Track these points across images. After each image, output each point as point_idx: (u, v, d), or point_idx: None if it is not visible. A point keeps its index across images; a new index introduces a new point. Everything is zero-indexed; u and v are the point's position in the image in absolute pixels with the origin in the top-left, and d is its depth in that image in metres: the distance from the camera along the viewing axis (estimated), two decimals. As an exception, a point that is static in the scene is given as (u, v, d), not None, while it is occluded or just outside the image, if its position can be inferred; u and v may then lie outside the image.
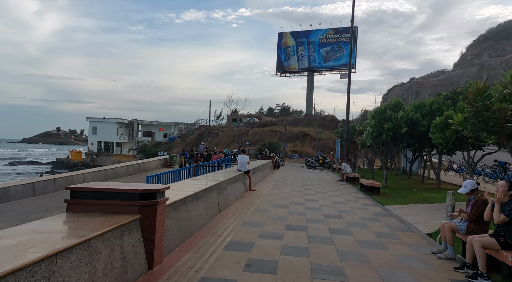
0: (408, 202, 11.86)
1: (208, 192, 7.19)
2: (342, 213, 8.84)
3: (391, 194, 14.14)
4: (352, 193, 13.65)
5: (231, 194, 9.40)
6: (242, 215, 7.81)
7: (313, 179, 19.15)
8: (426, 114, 17.56)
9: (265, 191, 12.62)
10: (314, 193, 13.01)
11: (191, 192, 6.10)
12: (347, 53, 62.24)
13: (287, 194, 12.06)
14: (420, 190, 17.10)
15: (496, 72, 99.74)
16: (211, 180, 8.47)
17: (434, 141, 14.52)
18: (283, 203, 10.01)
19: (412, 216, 8.81)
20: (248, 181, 12.40)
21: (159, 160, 26.23)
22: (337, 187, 15.54)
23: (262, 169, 18.44)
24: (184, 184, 7.66)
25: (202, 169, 18.12)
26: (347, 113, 32.58)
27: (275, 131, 57.24)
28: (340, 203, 10.69)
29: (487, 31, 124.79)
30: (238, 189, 10.59)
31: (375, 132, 17.21)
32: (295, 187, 14.56)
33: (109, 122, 70.17)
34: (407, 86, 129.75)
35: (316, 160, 30.06)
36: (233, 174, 11.20)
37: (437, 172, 18.20)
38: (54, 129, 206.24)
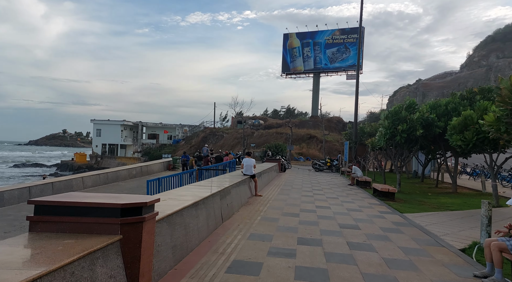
0: (427, 209, 10.95)
1: (210, 200, 6.37)
2: (359, 222, 7.97)
3: (406, 199, 13.23)
4: (365, 198, 12.76)
5: (236, 201, 8.58)
6: (248, 226, 6.98)
7: (322, 183, 18.26)
8: (441, 115, 16.63)
9: (272, 196, 11.78)
10: (325, 198, 12.14)
11: (189, 202, 5.29)
12: (353, 54, 61.29)
13: (296, 200, 11.21)
14: (435, 195, 16.16)
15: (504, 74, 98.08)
16: (215, 186, 7.66)
17: (452, 143, 13.58)
18: (292, 210, 9.16)
19: (437, 226, 7.92)
20: (254, 185, 11.58)
21: (162, 163, 25.50)
22: (348, 192, 14.65)
23: (268, 172, 17.60)
24: (184, 191, 6.85)
25: (206, 172, 17.32)
26: (355, 114, 31.64)
27: (280, 133, 56.36)
28: (355, 210, 9.82)
29: (495, 32, 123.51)
30: (243, 195, 9.77)
31: (388, 134, 16.30)
32: (304, 192, 13.71)
33: (113, 124, 69.79)
34: (413, 88, 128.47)
35: (324, 162, 29.15)
36: (238, 178, 10.39)
37: (453, 176, 17.23)
38: (60, 132, 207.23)
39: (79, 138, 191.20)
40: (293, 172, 26.34)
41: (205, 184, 8.26)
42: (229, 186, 8.24)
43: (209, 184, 8.27)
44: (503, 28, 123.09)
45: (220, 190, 7.24)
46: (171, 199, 5.50)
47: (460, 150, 13.85)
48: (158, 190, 14.96)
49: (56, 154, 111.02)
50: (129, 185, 20.28)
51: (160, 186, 15.07)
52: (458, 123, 13.12)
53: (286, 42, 66.12)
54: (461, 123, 13.05)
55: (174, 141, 70.21)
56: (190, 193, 6.40)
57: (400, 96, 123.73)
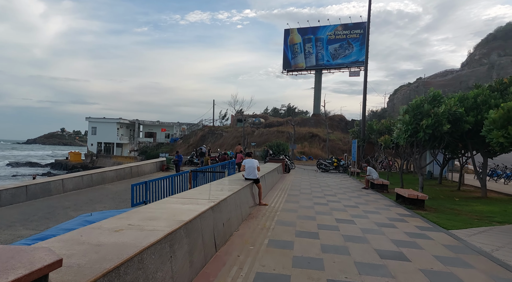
0: (471, 222, 8.87)
1: (198, 222, 4.30)
2: (401, 246, 5.89)
3: (436, 208, 11.15)
4: (390, 207, 10.68)
5: (235, 216, 6.50)
6: (252, 257, 4.90)
7: (332, 186, 16.19)
8: (469, 109, 14.57)
9: (280, 206, 9.71)
10: (343, 207, 10.06)
11: (160, 234, 3.21)
12: (356, 50, 59.24)
13: (309, 210, 9.13)
14: (464, 200, 14.09)
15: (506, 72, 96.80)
16: (207, 199, 5.58)
17: (493, 140, 11.49)
18: (308, 226, 7.08)
19: (506, 252, 5.86)
20: (258, 192, 9.50)
21: (154, 163, 23.39)
22: (366, 198, 12.58)
23: (272, 174, 15.51)
24: (162, 207, 4.77)
25: (201, 174, 15.24)
26: (363, 111, 29.55)
27: (282, 132, 54.34)
28: (386, 225, 7.73)
29: (496, 30, 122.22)
30: (245, 206, 7.69)
31: (410, 130, 14.22)
32: (316, 198, 11.63)
33: (109, 122, 67.78)
34: (414, 87, 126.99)
35: (330, 162, 27.07)
36: (238, 184, 8.32)
37: (482, 178, 15.17)
38: (59, 130, 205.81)
39: (77, 137, 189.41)
40: (298, 172, 24.27)
41: (194, 194, 6.18)
42: (228, 196, 6.17)
43: (200, 194, 6.21)
44: (504, 26, 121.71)
45: (214, 204, 5.17)
46: (132, 227, 3.42)
47: (500, 148, 11.79)
48: (145, 195, 12.92)
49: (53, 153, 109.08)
50: (116, 188, 18.23)
51: (147, 191, 13.02)
52: (500, 117, 11.04)
53: (287, 38, 63.97)
54: (503, 117, 10.98)
55: (171, 139, 68.13)
56: (169, 212, 4.33)
57: (401, 95, 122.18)
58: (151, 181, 12.86)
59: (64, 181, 16.13)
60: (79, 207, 13.65)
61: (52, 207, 13.41)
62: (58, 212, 12.63)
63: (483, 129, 12.15)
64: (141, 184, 12.70)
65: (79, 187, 16.97)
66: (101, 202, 15.19)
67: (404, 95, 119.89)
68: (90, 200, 15.16)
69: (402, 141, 15.05)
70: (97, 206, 13.96)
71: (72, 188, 16.55)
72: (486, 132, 11.82)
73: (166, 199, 5.41)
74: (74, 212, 12.52)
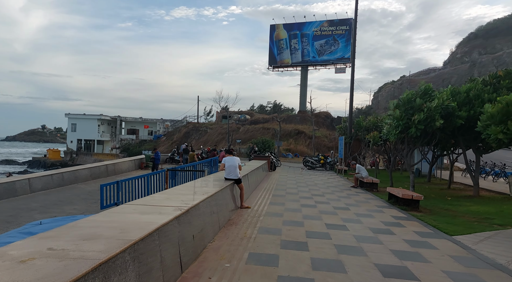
0: (471, 225, 8.11)
1: (154, 239, 3.31)
2: (405, 259, 5.03)
3: (430, 208, 10.43)
4: (383, 208, 9.88)
5: (210, 224, 5.54)
6: (228, 279, 3.94)
7: (320, 185, 15.36)
8: (462, 103, 13.92)
9: (263, 208, 8.78)
10: (333, 209, 9.20)
11: (85, 267, 2.22)
12: (342, 46, 58.80)
13: (296, 214, 8.23)
14: (456, 199, 13.46)
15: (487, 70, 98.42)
16: (174, 206, 4.59)
17: (490, 137, 10.80)
18: (295, 235, 6.17)
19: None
20: (239, 193, 8.54)
21: (132, 161, 22.15)
22: (356, 198, 11.77)
23: (257, 173, 14.58)
24: (107, 222, 3.76)
25: (180, 173, 14.19)
26: (350, 107, 28.89)
27: (267, 128, 53.53)
28: (382, 231, 6.88)
29: (477, 29, 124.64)
30: (223, 211, 6.71)
31: (401, 125, 13.49)
32: (303, 199, 10.75)
33: (89, 119, 65.72)
34: (398, 84, 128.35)
35: (317, 159, 26.31)
36: (217, 185, 7.35)
37: (475, 176, 14.57)
38: (39, 127, 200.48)
39: (58, 134, 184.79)
40: (284, 170, 23.41)
41: (161, 199, 5.18)
42: (201, 200, 5.19)
43: (168, 198, 5.22)
44: (484, 25, 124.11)
45: (182, 212, 4.18)
46: (51, 253, 2.42)
47: (496, 144, 11.13)
48: (116, 197, 11.82)
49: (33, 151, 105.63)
50: (90, 187, 17.00)
51: (118, 192, 11.92)
52: (498, 111, 10.35)
53: (273, 34, 63.04)
54: (501, 112, 10.29)
55: (155, 136, 66.57)
56: (118, 226, 3.33)
57: (385, 92, 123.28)
58: (124, 180, 11.75)
59: (31, 180, 14.83)
60: (46, 209, 12.47)
61: (16, 209, 12.18)
62: (22, 215, 11.44)
63: (478, 125, 11.48)
64: (113, 184, 11.57)
65: (48, 187, 15.69)
66: (71, 203, 14.02)
67: (388, 93, 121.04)
68: (59, 201, 13.97)
69: (392, 137, 14.32)
70: (66, 208, 12.81)
71: (41, 187, 15.27)
72: (482, 128, 11.14)
73: (122, 207, 4.39)
74: (40, 214, 11.39)
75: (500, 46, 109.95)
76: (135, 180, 12.18)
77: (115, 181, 11.77)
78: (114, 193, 11.68)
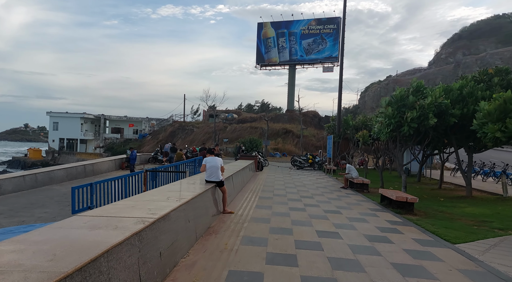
0: (475, 231, 7.51)
1: (97, 269, 2.54)
2: (410, 276, 4.36)
3: (426, 211, 9.87)
4: (376, 211, 9.27)
5: (184, 235, 4.78)
6: (201, 308, 3.21)
7: (308, 186, 14.72)
8: (455, 101, 13.46)
9: (248, 212, 8.06)
10: (323, 213, 8.53)
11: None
12: (330, 45, 58.45)
13: (284, 219, 7.53)
14: (450, 200, 12.98)
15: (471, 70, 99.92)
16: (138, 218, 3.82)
17: (487, 135, 10.29)
18: (283, 245, 5.46)
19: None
20: (222, 197, 7.79)
21: (113, 160, 21.14)
22: (347, 200, 11.15)
23: (243, 174, 13.84)
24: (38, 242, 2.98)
25: (160, 174, 13.35)
26: (339, 106, 28.42)
27: (255, 127, 52.82)
28: (379, 239, 6.23)
29: (461, 30, 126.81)
30: (201, 218, 5.96)
31: (393, 124, 12.94)
32: (292, 202, 10.06)
33: (72, 117, 63.94)
34: (385, 84, 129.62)
35: (305, 159, 25.71)
36: (196, 189, 6.59)
37: (467, 177, 14.13)
38: (22, 126, 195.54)
39: (42, 133, 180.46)
40: (271, 170, 22.73)
41: (124, 207, 4.40)
42: (174, 209, 4.43)
43: (134, 206, 4.45)
44: (468, 27, 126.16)
45: (144, 226, 3.42)
46: None
47: (492, 143, 10.64)
48: (90, 200, 10.97)
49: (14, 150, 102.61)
50: (65, 189, 15.96)
51: (92, 195, 11.06)
52: (495, 108, 9.84)
53: (261, 32, 62.31)
54: (499, 109, 9.79)
55: (140, 135, 65.16)
56: (48, 250, 2.56)
57: (372, 92, 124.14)
58: (98, 182, 10.88)
59: (0, 182, 13.81)
60: (14, 213, 11.51)
61: (-21, 214, 11.18)
62: (-16, 220, 10.44)
63: (474, 123, 10.98)
64: (85, 186, 10.70)
65: (20, 189, 14.68)
66: (43, 206, 13.06)
67: (375, 93, 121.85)
68: (30, 204, 12.99)
69: (383, 136, 13.77)
70: (36, 211, 11.86)
71: (12, 189, 14.25)
72: (478, 126, 10.65)
73: (71, 219, 3.59)
74: (7, 219, 10.46)
75: (484, 47, 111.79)
76: (111, 182, 11.31)
77: (89, 183, 10.90)
78: (87, 196, 10.81)
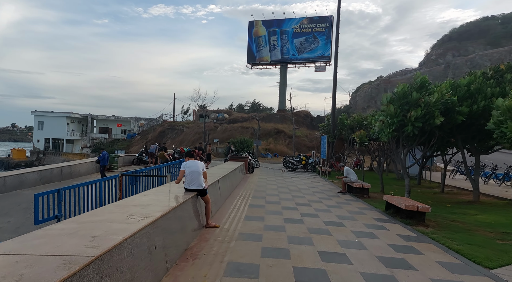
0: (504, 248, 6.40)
1: None
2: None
3: (437, 221, 8.75)
4: (384, 222, 8.11)
5: (147, 268, 3.55)
6: None
7: (304, 190, 13.54)
8: (462, 98, 12.42)
9: (236, 226, 6.83)
10: (324, 226, 7.34)
11: None
12: (322, 44, 57.49)
13: (279, 235, 6.31)
14: (457, 206, 11.93)
15: (461, 71, 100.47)
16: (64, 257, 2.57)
17: (506, 135, 9.21)
18: (280, 276, 4.25)
19: None
20: (204, 208, 6.55)
21: (92, 162, 19.71)
22: (348, 208, 9.98)
23: (232, 178, 12.59)
24: None
25: (140, 178, 12.03)
26: (333, 104, 27.34)
27: (246, 127, 51.58)
28: (398, 264, 5.04)
29: (451, 32, 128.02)
30: (177, 240, 4.72)
31: (395, 123, 11.83)
32: (286, 210, 8.86)
33: (58, 116, 61.98)
34: (376, 85, 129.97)
35: (298, 160, 24.55)
36: (172, 201, 5.36)
37: (475, 180, 13.11)
38: (9, 126, 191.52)
39: (30, 133, 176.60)
40: (263, 172, 21.51)
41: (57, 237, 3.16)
42: (130, 235, 3.21)
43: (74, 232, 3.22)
44: (458, 28, 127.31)
45: (66, 276, 2.19)
46: None
47: (510, 144, 9.58)
48: (58, 209, 9.64)
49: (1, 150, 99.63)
50: (37, 194, 14.59)
51: (60, 202, 9.73)
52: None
53: (252, 30, 61.09)
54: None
55: (128, 135, 63.44)
56: None
57: (363, 92, 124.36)
58: (66, 188, 9.54)
59: (-40, 187, 12.40)
60: (-27, 223, 10.13)
61: None
62: None
63: (490, 122, 9.91)
64: (51, 193, 9.35)
65: (-14, 194, 13.27)
66: (7, 214, 11.72)
67: (366, 93, 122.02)
68: (-7, 212, 11.63)
69: (384, 137, 12.63)
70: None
71: (-25, 195, 12.82)
72: (495, 125, 9.58)
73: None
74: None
75: (473, 48, 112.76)
76: (83, 187, 9.98)
77: (56, 189, 9.56)
78: (54, 204, 9.48)
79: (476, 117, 12.09)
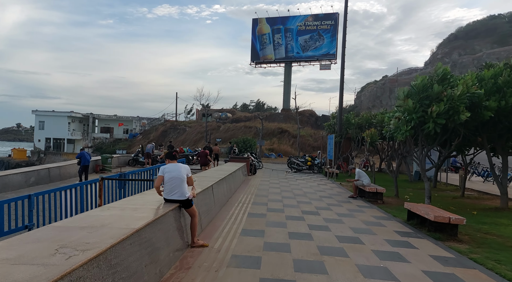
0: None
1: None
2: None
3: (470, 234, 7.40)
4: (409, 237, 6.76)
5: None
6: None
7: (310, 195, 12.20)
8: (489, 92, 11.02)
9: (230, 244, 5.54)
10: (337, 241, 6.03)
11: None
12: (327, 42, 56.02)
13: (282, 257, 5.01)
14: (484, 214, 10.54)
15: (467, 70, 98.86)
16: None
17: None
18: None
19: None
20: (190, 223, 5.27)
21: (83, 163, 18.44)
22: (363, 217, 8.64)
23: (231, 181, 11.28)
24: None
25: (123, 182, 10.75)
26: (340, 103, 25.97)
27: (249, 127, 50.35)
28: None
29: (457, 31, 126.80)
30: (144, 272, 3.43)
31: (414, 120, 10.46)
32: (291, 221, 7.55)
33: (59, 116, 61.10)
34: (381, 84, 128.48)
35: (303, 161, 23.20)
36: (148, 212, 4.09)
37: (503, 184, 11.69)
38: (14, 126, 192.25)
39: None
40: (266, 173, 20.18)
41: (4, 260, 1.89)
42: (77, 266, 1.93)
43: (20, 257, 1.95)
44: (464, 27, 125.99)
45: None
46: None
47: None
48: (28, 218, 8.40)
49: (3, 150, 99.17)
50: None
51: (31, 210, 8.48)
52: None
53: (255, 28, 59.79)
54: None
55: (130, 135, 62.40)
56: None
57: (368, 92, 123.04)
58: (38, 194, 8.30)
59: None
60: None
61: None
62: None
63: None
64: (21, 199, 8.12)
65: (-38, 198, 11.99)
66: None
67: (371, 93, 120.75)
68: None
69: (401, 135, 11.25)
70: (-30, 230, 9.22)
71: (-51, 200, 11.53)
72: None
73: None
74: None
75: (479, 47, 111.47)
76: (59, 193, 8.74)
77: (26, 194, 8.31)
78: (24, 212, 8.24)
79: (505, 114, 10.71)
